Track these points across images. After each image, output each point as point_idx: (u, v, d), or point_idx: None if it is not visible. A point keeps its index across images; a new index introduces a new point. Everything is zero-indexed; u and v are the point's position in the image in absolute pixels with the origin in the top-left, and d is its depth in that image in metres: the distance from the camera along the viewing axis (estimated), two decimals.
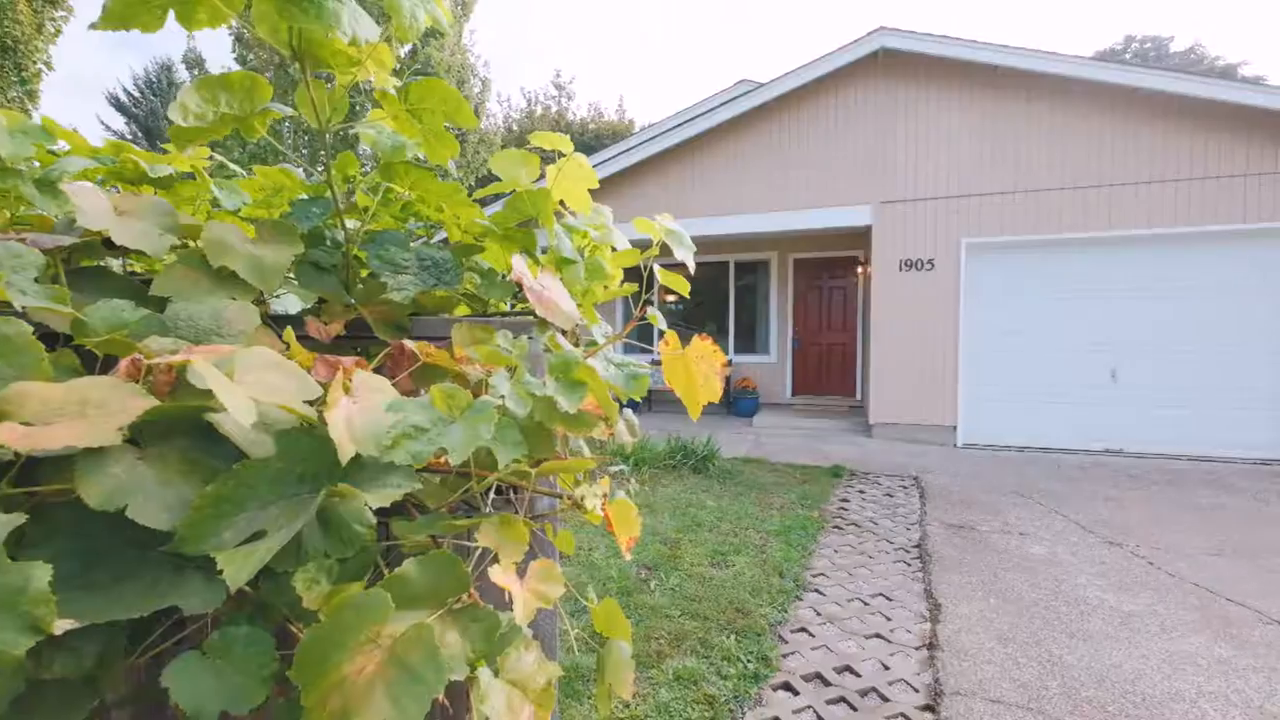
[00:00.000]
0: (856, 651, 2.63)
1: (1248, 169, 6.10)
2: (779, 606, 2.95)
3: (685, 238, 1.07)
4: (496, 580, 0.67)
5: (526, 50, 70.08)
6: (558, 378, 0.91)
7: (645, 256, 1.06)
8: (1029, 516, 4.44)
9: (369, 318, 1.06)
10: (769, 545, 3.69)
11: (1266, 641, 2.69)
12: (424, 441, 0.69)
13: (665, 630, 2.67)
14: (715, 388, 1.13)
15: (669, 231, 1.05)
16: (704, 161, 8.25)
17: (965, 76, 6.96)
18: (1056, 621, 2.86)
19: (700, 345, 1.13)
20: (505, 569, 0.71)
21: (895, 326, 7.31)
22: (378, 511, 0.99)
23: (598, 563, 3.33)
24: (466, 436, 0.68)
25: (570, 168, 1.22)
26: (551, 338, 0.98)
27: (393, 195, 1.31)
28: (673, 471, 5.32)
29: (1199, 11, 53.63)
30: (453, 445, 0.67)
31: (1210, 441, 6.34)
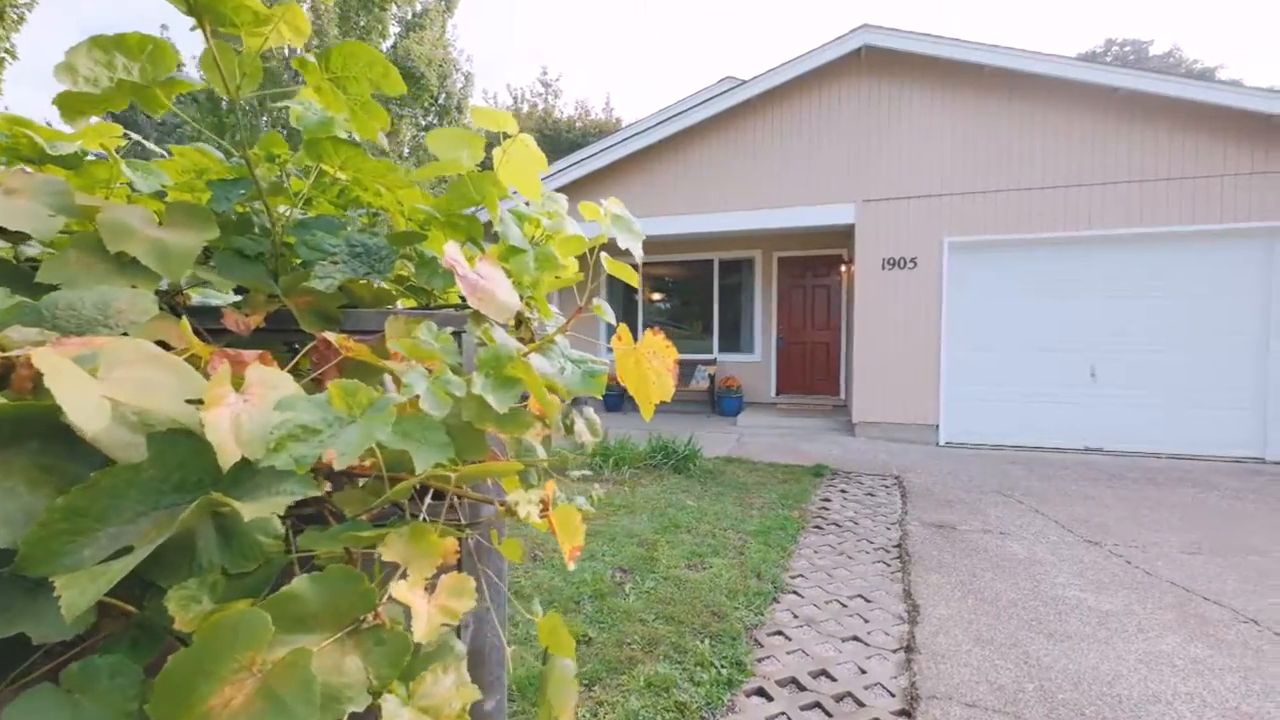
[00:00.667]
0: (833, 655, 2.58)
1: (1224, 169, 6.16)
2: (755, 609, 2.89)
3: (633, 224, 1.00)
4: (397, 596, 0.60)
5: (515, 49, 69.74)
6: (488, 374, 0.84)
7: (593, 244, 0.99)
8: (1009, 515, 4.43)
9: (294, 309, 0.97)
10: (748, 546, 3.63)
11: (1242, 640, 2.68)
12: (313, 444, 0.61)
13: (638, 635, 2.61)
14: (668, 385, 1.06)
15: (615, 217, 0.98)
16: (687, 159, 8.19)
17: (948, 75, 6.97)
18: (1035, 622, 2.83)
19: (652, 340, 1.07)
20: (413, 584, 0.64)
21: (878, 325, 7.30)
22: (304, 519, 0.91)
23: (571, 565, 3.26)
24: (360, 438, 0.60)
25: (517, 150, 1.15)
26: (486, 331, 0.91)
27: (327, 178, 1.23)
28: (654, 471, 5.25)
29: (1178, 16, 54.60)
30: (343, 447, 0.60)
31: (1188, 440, 6.40)
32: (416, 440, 0.76)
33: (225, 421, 0.62)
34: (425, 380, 0.74)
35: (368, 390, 0.68)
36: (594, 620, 2.72)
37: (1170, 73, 5.91)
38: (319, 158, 1.08)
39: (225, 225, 1.10)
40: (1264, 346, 6.20)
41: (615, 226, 0.98)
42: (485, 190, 1.15)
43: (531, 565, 3.30)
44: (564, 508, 0.99)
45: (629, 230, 0.99)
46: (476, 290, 0.91)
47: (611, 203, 1.00)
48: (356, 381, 0.68)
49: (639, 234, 1.00)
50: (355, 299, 1.13)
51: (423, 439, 0.77)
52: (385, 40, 12.04)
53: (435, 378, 0.75)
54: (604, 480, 5.01)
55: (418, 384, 0.72)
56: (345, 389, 0.66)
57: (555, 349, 1.36)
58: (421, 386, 0.73)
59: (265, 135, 1.06)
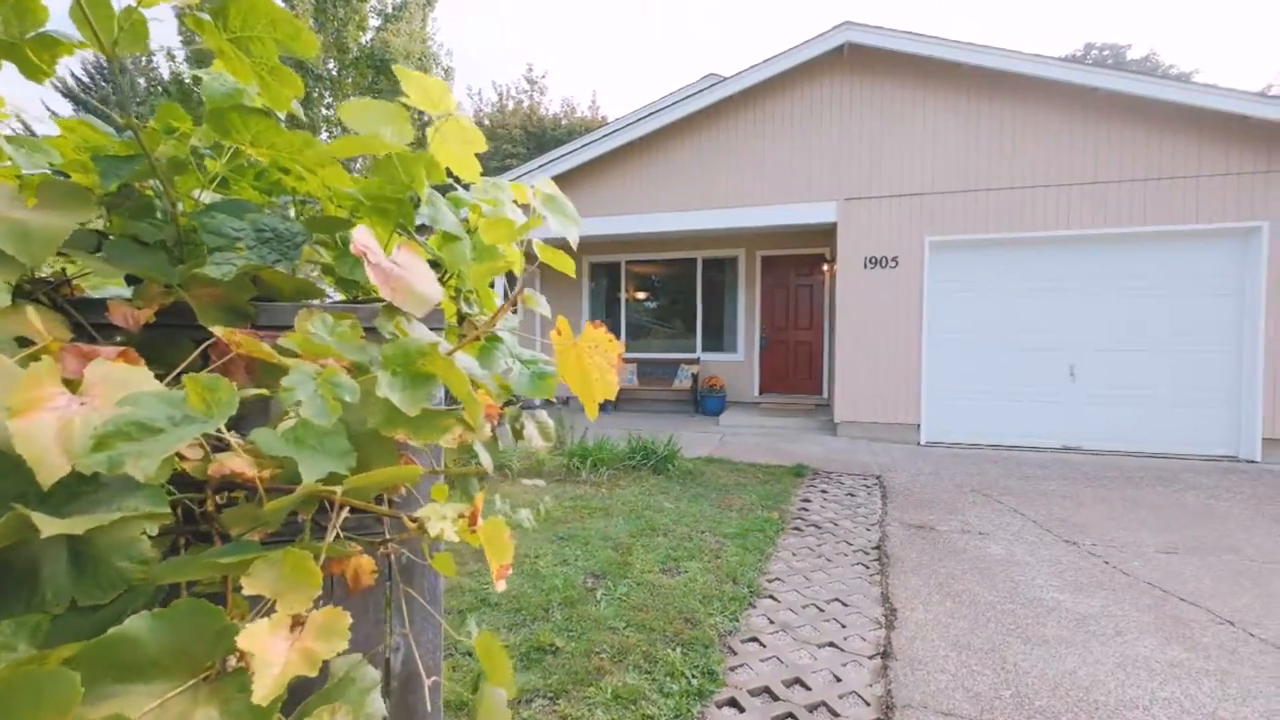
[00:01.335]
0: (808, 662, 2.51)
1: (1200, 170, 6.21)
2: (731, 615, 2.81)
3: (567, 207, 0.90)
4: (243, 644, 0.50)
5: (501, 45, 69.23)
6: (396, 372, 0.74)
7: (525, 229, 0.90)
8: (988, 515, 4.40)
9: (192, 301, 0.87)
10: (725, 549, 3.56)
11: (1218, 643, 2.65)
12: (148, 443, 0.51)
13: (608, 644, 2.51)
14: (611, 382, 0.97)
15: (547, 198, 0.89)
16: (669, 156, 8.11)
17: (930, 74, 6.96)
18: (1012, 625, 2.78)
19: (593, 334, 0.97)
20: (276, 623, 0.54)
21: (860, 325, 7.28)
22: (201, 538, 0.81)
23: (542, 571, 3.16)
24: (164, 443, 0.50)
25: (451, 129, 1.05)
26: (399, 324, 0.81)
27: (244, 158, 1.12)
28: (633, 473, 5.16)
29: (1155, 21, 55.67)
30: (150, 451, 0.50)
31: (1165, 439, 6.45)
32: (310, 448, 0.66)
33: (47, 429, 0.52)
34: (311, 381, 0.64)
35: (230, 386, 0.58)
36: (563, 629, 2.62)
37: (1145, 73, 5.95)
38: (225, 132, 0.97)
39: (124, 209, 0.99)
40: (1238, 346, 6.27)
41: (547, 208, 0.88)
42: (413, 172, 1.05)
43: None
44: (492, 522, 0.89)
45: (563, 213, 0.90)
46: (390, 280, 0.81)
47: (543, 182, 0.90)
48: (218, 376, 0.58)
49: (575, 218, 0.91)
50: (272, 291, 1.02)
51: (318, 446, 0.67)
52: (364, 33, 11.81)
53: (323, 379, 0.65)
54: (581, 482, 4.91)
55: (300, 386, 0.62)
56: (204, 384, 0.56)
57: (502, 347, 1.26)
58: (305, 389, 0.63)
59: (162, 105, 0.95)
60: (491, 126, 28.02)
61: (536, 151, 16.38)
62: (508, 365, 1.26)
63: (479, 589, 2.96)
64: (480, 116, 29.15)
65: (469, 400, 0.78)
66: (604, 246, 10.19)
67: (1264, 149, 6.04)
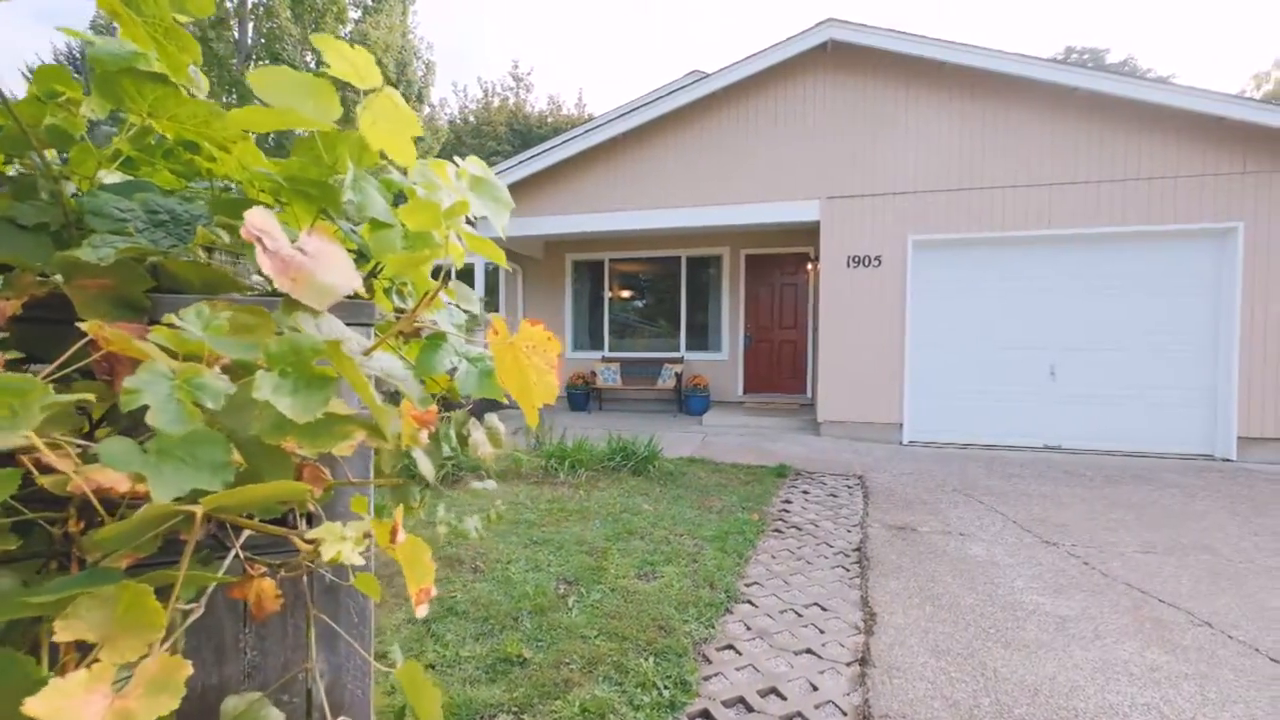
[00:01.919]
0: (785, 670, 2.43)
1: (1178, 171, 6.25)
2: (706, 621, 2.73)
3: (497, 189, 0.81)
4: (35, 711, 0.40)
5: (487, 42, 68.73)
6: (285, 373, 0.64)
7: (450, 215, 0.80)
8: (969, 516, 4.37)
9: (73, 294, 0.76)
10: (703, 553, 3.48)
11: (1197, 645, 2.63)
12: None
13: (578, 654, 2.42)
14: (550, 384, 0.88)
15: (474, 180, 0.79)
16: (652, 153, 8.03)
17: (913, 73, 6.94)
18: (992, 630, 2.74)
19: (530, 332, 0.88)
20: (98, 675, 0.44)
21: (843, 324, 7.25)
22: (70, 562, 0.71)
23: (513, 577, 3.05)
24: None
25: (382, 107, 0.94)
26: (298, 319, 0.71)
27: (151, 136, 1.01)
28: (612, 474, 5.07)
29: (1134, 27, 56.66)
30: None
31: (1143, 438, 6.49)
32: (175, 460, 0.56)
33: None
34: (165, 383, 0.54)
35: (43, 390, 0.48)
36: (532, 638, 2.53)
37: (1123, 73, 5.98)
38: (118, 99, 0.87)
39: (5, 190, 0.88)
40: (1214, 346, 6.33)
41: (474, 191, 0.79)
42: (336, 151, 0.95)
43: (471, 577, 3.08)
44: (410, 542, 0.80)
45: (492, 196, 0.80)
46: (288, 269, 0.71)
47: (470, 161, 0.81)
48: (28, 378, 0.48)
49: (506, 202, 0.81)
50: (178, 282, 0.91)
51: (185, 458, 0.57)
52: (344, 26, 11.54)
53: (182, 379, 0.55)
54: (559, 483, 4.80)
55: (149, 389, 0.53)
56: (10, 388, 0.46)
57: (446, 345, 1.16)
58: (156, 392, 0.53)
59: (40, 69, 0.84)
60: (476, 124, 27.73)
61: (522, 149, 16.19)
62: (453, 364, 1.16)
63: (446, 596, 2.85)
64: (465, 113, 28.86)
65: (374, 405, 0.69)
66: (587, 244, 10.08)
67: (1240, 150, 6.10)
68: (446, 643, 2.47)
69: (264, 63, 10.97)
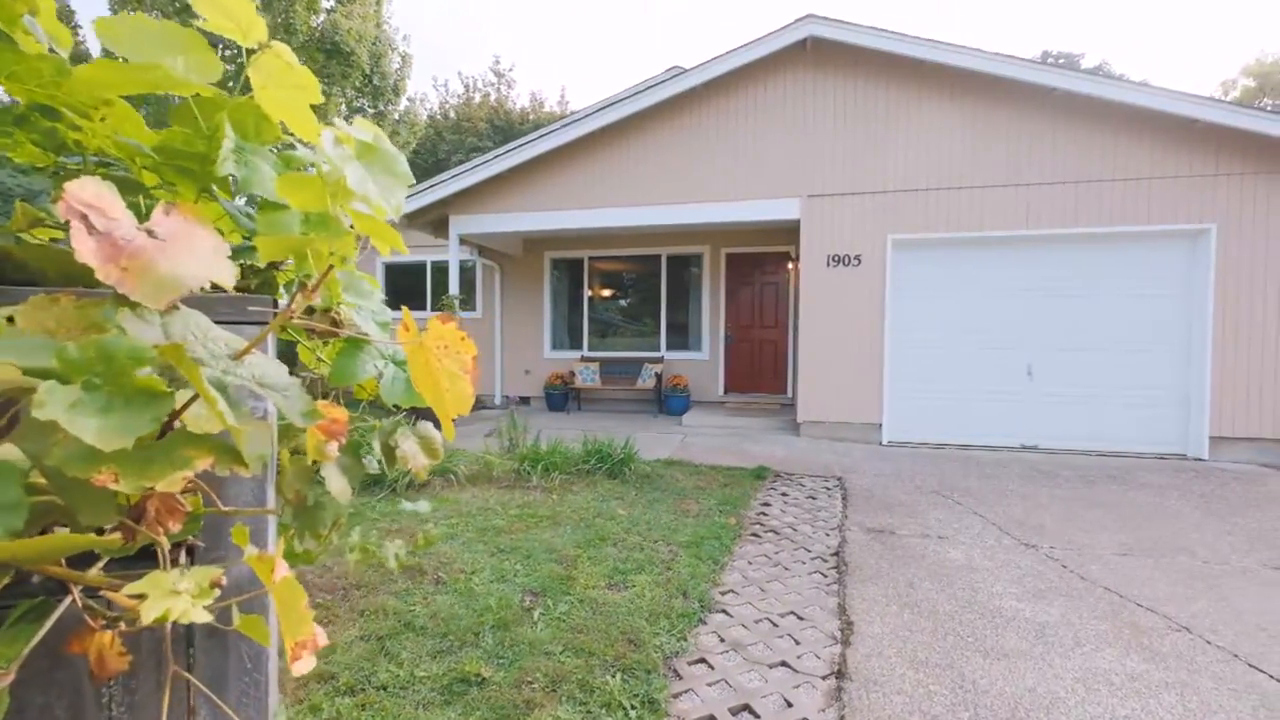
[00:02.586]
0: (759, 685, 2.33)
1: (1152, 173, 6.29)
2: (678, 634, 2.62)
3: (391, 160, 0.68)
4: None
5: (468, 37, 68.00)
6: (91, 386, 0.51)
7: (339, 194, 0.67)
8: (948, 518, 4.32)
9: None
10: (677, 560, 3.37)
11: (1176, 652, 2.58)
12: None
13: (542, 672, 2.29)
14: (463, 393, 0.75)
15: (362, 147, 0.66)
16: (631, 150, 7.90)
17: (893, 71, 6.91)
18: (971, 638, 2.66)
19: (440, 331, 0.75)
20: None
21: (823, 323, 7.20)
22: None
23: (476, 589, 2.91)
24: None
25: (273, 67, 0.80)
26: (124, 316, 0.57)
27: None
28: (587, 477, 4.94)
29: (1107, 33, 57.85)
30: None
31: (1117, 437, 6.53)
32: None
33: None
34: None
35: None
36: (493, 655, 2.39)
37: (1098, 74, 6.00)
38: None
39: None
40: (1186, 346, 6.38)
41: (361, 161, 0.65)
42: (214, 119, 0.81)
43: (432, 589, 2.93)
44: (285, 585, 0.66)
45: (384, 168, 0.67)
46: (118, 256, 0.57)
47: (358, 125, 0.68)
48: None
49: (402, 176, 0.68)
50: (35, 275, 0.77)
51: None
52: (316, 16, 11.18)
53: None
54: (531, 488, 4.66)
55: None
56: None
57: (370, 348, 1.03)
58: None
59: None
60: (457, 119, 27.33)
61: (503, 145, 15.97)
62: (378, 369, 1.03)
63: (403, 610, 2.70)
64: (445, 108, 28.44)
65: (222, 420, 0.55)
66: (566, 242, 9.92)
67: (1212, 152, 6.15)
68: (401, 661, 2.33)
69: (230, 50, 10.58)
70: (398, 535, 3.65)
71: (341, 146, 0.63)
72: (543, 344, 10.18)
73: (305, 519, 1.09)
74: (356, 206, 0.70)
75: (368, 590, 2.89)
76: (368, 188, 0.63)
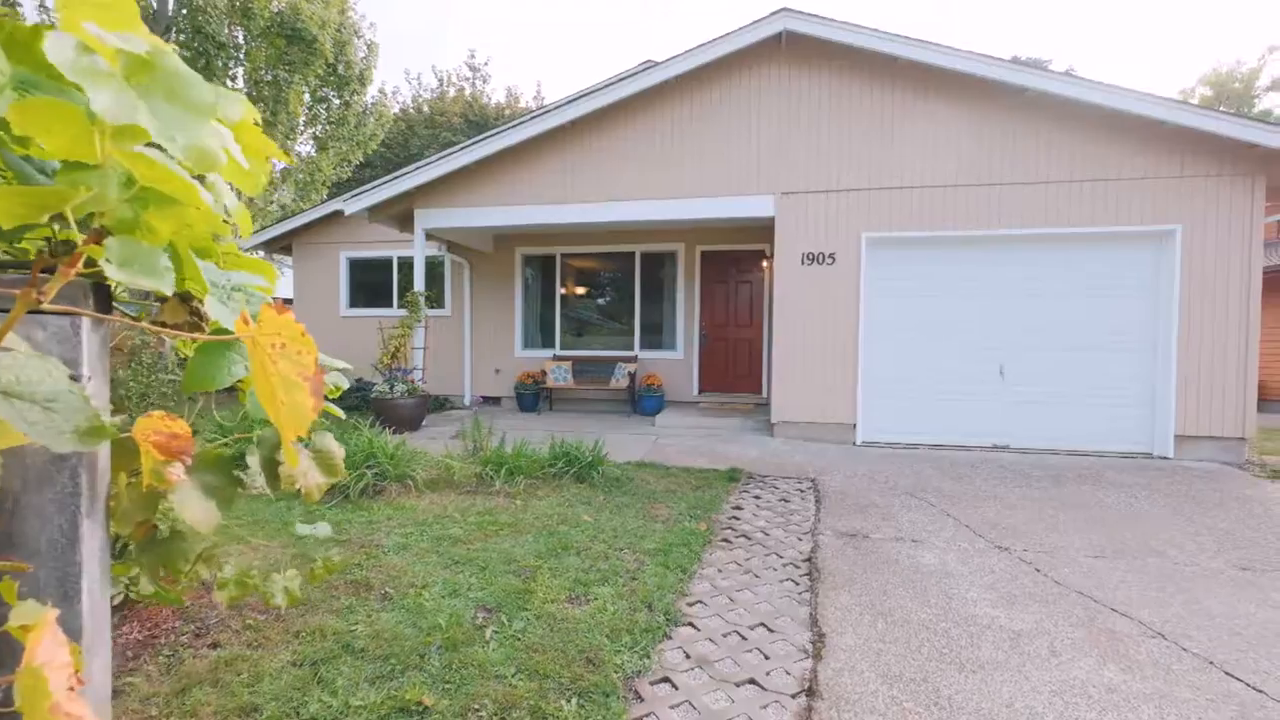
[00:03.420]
0: (725, 706, 2.18)
1: (1120, 174, 6.34)
2: (641, 651, 2.46)
3: (181, 83, 0.50)
4: None
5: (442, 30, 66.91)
6: None
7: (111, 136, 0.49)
8: (921, 520, 4.25)
9: None
10: (644, 569, 3.21)
11: (1152, 660, 2.51)
12: None
13: (491, 697, 2.11)
14: (301, 405, 0.57)
15: (135, 63, 0.48)
16: (603, 144, 7.71)
17: (867, 67, 6.85)
18: (946, 649, 2.56)
19: (274, 323, 0.57)
20: None
21: (797, 322, 7.11)
22: None
23: (425, 605, 2.71)
24: None
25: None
26: None
27: None
28: (553, 481, 4.75)
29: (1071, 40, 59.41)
30: None
31: (1087, 437, 6.57)
32: None
33: None
34: None
35: None
36: (439, 680, 2.20)
37: (1072, 75, 6.00)
38: None
39: None
40: (1153, 346, 6.45)
41: (133, 82, 0.47)
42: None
43: (378, 606, 2.72)
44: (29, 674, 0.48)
45: (167, 93, 0.49)
46: None
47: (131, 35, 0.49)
48: None
49: (198, 105, 0.50)
50: None
51: None
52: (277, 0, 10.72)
53: None
54: (494, 493, 4.45)
55: None
56: None
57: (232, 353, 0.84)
58: None
59: None
60: (431, 114, 26.76)
61: None
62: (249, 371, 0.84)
63: (344, 631, 2.49)
64: (419, 102, 27.83)
65: None
66: (539, 238, 9.70)
67: (1178, 154, 6.22)
68: (335, 689, 2.12)
69: (183, 36, 10.09)
70: (346, 547, 3.42)
71: (90, 57, 0.45)
72: (514, 342, 9.94)
73: (159, 554, 0.89)
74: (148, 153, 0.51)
75: (307, 609, 2.67)
76: (137, 117, 0.45)
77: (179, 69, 0.53)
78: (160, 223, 0.67)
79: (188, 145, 0.49)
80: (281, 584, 0.95)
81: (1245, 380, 6.11)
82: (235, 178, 0.79)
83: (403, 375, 7.55)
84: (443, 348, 9.82)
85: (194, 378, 0.79)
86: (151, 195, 0.64)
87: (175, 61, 0.54)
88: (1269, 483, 5.43)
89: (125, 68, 0.46)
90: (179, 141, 0.48)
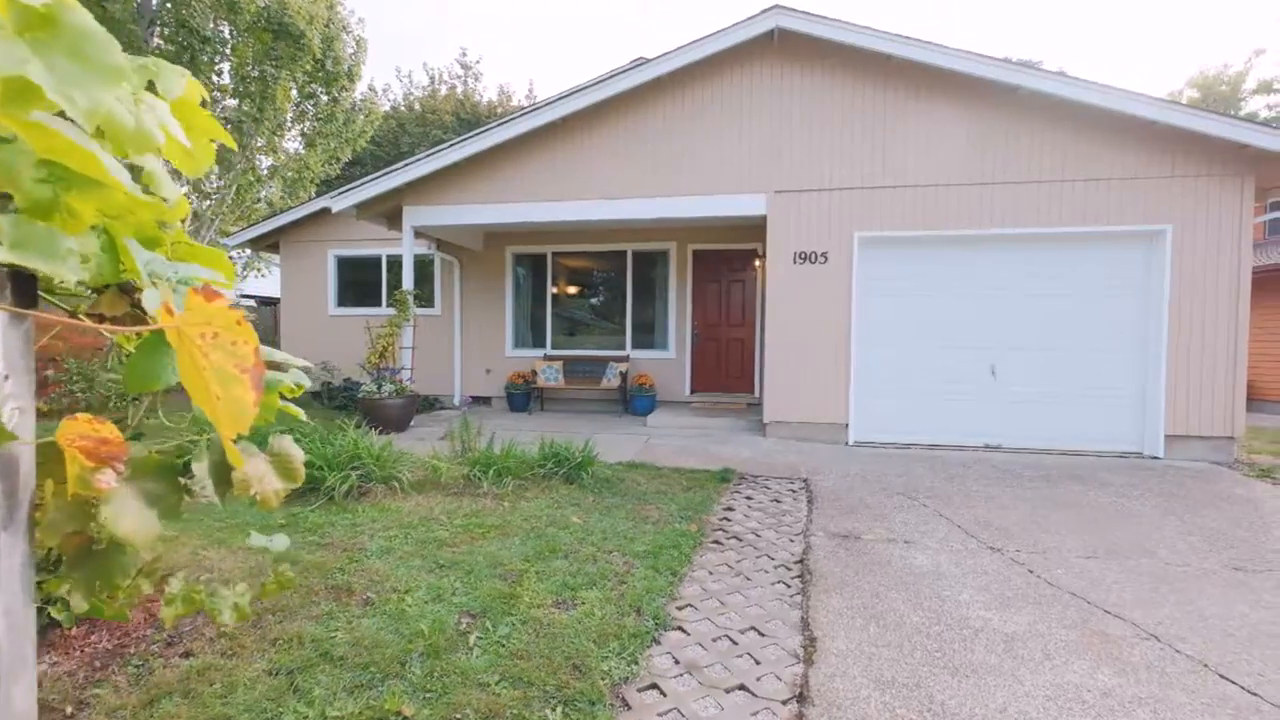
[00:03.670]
0: (714, 714, 2.13)
1: (1111, 173, 6.34)
2: (629, 657, 2.40)
3: (84, 41, 0.44)
4: None
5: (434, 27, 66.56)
6: None
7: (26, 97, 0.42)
8: (914, 520, 4.22)
9: None
10: (633, 572, 3.15)
11: (1147, 663, 2.48)
12: None
13: (475, 706, 2.05)
14: (240, 400, 0.51)
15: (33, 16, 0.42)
16: (595, 141, 7.65)
17: (860, 65, 6.82)
18: (939, 653, 2.52)
19: (203, 312, 0.51)
20: None
21: (790, 321, 7.08)
22: None
23: (408, 611, 2.64)
24: None
25: None
26: None
27: None
28: (543, 482, 4.68)
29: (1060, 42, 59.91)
30: None
31: (1077, 436, 6.58)
32: None
33: None
34: None
35: None
36: (419, 689, 2.13)
37: (1063, 75, 6.00)
38: None
39: None
40: (1143, 345, 6.46)
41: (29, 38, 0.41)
42: None
43: (359, 612, 2.65)
44: None
45: (68, 50, 0.42)
46: None
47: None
48: None
49: (104, 67, 0.44)
50: None
51: None
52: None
53: None
54: (481, 494, 4.38)
55: None
56: None
57: (169, 350, 0.76)
58: None
59: None
60: (422, 111, 26.55)
61: None
62: None
63: (323, 638, 2.41)
64: (410, 100, 27.62)
65: None
66: (529, 237, 9.62)
67: (1169, 154, 6.23)
68: (312, 699, 2.05)
69: (168, 30, 9.92)
70: (328, 550, 3.34)
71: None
72: (504, 342, 9.86)
73: (93, 568, 0.82)
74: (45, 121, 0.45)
75: (285, 615, 2.59)
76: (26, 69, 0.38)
77: (87, 27, 0.46)
78: (81, 205, 0.61)
79: (90, 109, 0.43)
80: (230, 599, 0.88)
81: (1234, 380, 6.13)
82: (176, 158, 0.73)
83: (391, 375, 7.45)
84: (432, 347, 9.72)
85: (136, 376, 0.72)
86: (74, 177, 0.58)
87: (84, 19, 0.48)
88: (1258, 482, 5.45)
89: (17, 21, 0.40)
90: (79, 103, 0.42)
